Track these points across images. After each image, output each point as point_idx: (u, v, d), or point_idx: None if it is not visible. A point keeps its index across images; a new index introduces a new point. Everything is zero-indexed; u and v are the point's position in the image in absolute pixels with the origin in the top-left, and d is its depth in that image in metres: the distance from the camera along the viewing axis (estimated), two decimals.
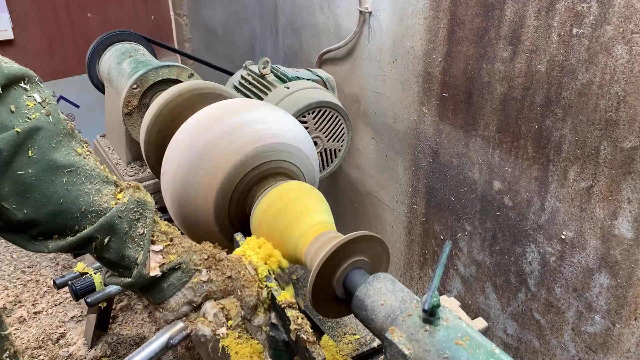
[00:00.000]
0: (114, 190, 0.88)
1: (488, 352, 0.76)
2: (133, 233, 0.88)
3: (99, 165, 0.88)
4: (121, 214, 0.86)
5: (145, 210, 0.90)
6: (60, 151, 0.81)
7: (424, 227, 1.91)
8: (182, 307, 0.94)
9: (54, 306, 2.44)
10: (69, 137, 0.84)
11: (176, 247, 0.93)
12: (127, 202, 0.87)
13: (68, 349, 2.22)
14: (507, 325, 1.66)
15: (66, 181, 0.81)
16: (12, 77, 0.78)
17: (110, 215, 0.84)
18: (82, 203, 0.83)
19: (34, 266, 2.67)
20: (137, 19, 3.33)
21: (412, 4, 1.66)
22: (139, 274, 0.88)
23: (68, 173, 0.81)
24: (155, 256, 0.90)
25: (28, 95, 0.80)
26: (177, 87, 1.62)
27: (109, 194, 0.86)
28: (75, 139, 0.85)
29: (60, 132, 0.82)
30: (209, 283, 0.95)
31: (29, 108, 0.79)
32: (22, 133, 0.77)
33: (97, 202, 0.84)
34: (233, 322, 0.97)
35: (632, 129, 1.19)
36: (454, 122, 1.65)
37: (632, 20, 1.13)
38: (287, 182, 1.26)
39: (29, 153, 0.78)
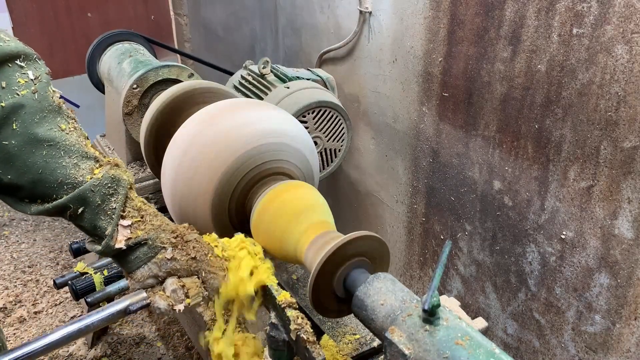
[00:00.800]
0: (92, 165, 0.96)
1: (488, 352, 0.76)
2: (105, 206, 0.96)
3: (81, 141, 0.96)
4: (94, 188, 0.94)
5: (119, 186, 0.97)
6: (42, 126, 0.90)
7: (424, 227, 1.91)
8: (148, 279, 1.02)
9: (54, 306, 2.44)
10: (54, 113, 0.92)
11: (146, 224, 1.00)
12: (102, 177, 0.95)
13: (68, 349, 2.22)
14: (507, 325, 1.66)
15: (45, 154, 0.90)
16: (6, 55, 0.87)
17: (83, 188, 0.93)
18: (59, 175, 0.92)
19: (34, 266, 2.67)
20: (137, 19, 3.33)
21: (412, 4, 1.66)
22: (106, 244, 0.96)
23: (48, 147, 0.90)
24: (123, 230, 0.97)
25: (22, 72, 0.89)
26: (177, 87, 1.62)
27: (86, 169, 0.94)
28: (62, 116, 0.94)
29: (45, 108, 0.90)
30: (172, 261, 1.01)
31: (20, 85, 0.88)
32: (7, 108, 0.86)
33: (73, 175, 0.93)
34: (192, 300, 1.03)
35: (632, 129, 1.19)
36: (454, 122, 1.65)
37: (632, 20, 1.13)
38: (287, 183, 1.26)
39: (13, 126, 0.87)
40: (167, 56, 3.06)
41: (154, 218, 1.02)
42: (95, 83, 2.25)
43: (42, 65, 0.93)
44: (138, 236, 0.98)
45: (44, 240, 2.85)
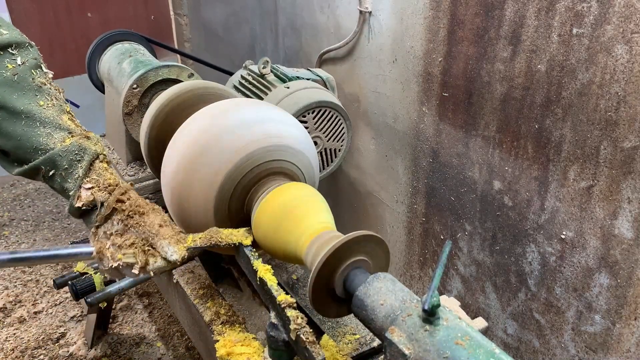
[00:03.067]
0: (64, 135, 1.11)
1: (488, 352, 0.76)
2: (72, 171, 1.11)
3: (58, 115, 1.12)
4: (62, 153, 1.09)
5: (85, 154, 1.12)
6: (21, 101, 1.08)
7: (424, 227, 1.91)
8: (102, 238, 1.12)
9: (54, 306, 2.44)
10: (34, 91, 1.10)
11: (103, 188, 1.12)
12: (69, 144, 1.10)
13: (68, 348, 2.22)
14: (507, 325, 1.66)
15: (24, 123, 1.08)
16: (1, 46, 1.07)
17: (52, 153, 1.09)
18: (34, 142, 1.09)
19: (34, 266, 2.67)
20: (137, 18, 3.33)
21: (412, 4, 1.66)
22: (70, 204, 1.12)
23: (26, 118, 1.08)
24: (84, 192, 1.11)
25: (12, 58, 1.09)
26: (177, 87, 1.62)
27: (58, 138, 1.10)
28: (42, 94, 1.12)
29: (24, 87, 1.09)
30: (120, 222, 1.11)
31: (7, 69, 1.08)
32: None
33: (45, 142, 1.09)
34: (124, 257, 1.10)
35: (632, 129, 1.19)
36: (454, 122, 1.65)
37: (632, 20, 1.13)
38: (287, 183, 1.26)
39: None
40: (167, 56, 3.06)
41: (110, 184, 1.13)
42: (95, 83, 2.25)
43: (33, 51, 1.13)
44: (94, 198, 1.10)
45: (44, 240, 2.85)
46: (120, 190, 1.12)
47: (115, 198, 1.11)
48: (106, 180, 1.14)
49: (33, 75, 1.11)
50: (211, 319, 1.27)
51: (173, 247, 1.10)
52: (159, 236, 1.10)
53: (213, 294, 1.35)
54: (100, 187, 1.12)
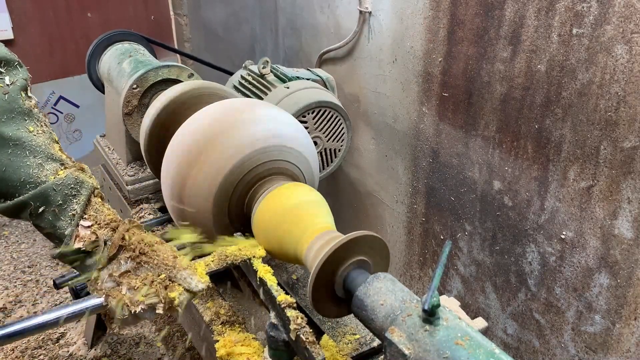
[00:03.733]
0: (57, 167, 0.98)
1: (488, 352, 0.76)
2: (67, 207, 0.97)
3: (49, 143, 0.99)
4: (56, 187, 0.95)
5: (82, 188, 0.99)
6: (9, 126, 0.94)
7: (423, 227, 1.91)
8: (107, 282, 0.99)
9: (53, 306, 2.44)
10: (23, 115, 0.96)
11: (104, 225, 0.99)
12: (65, 177, 0.97)
13: (68, 349, 2.22)
14: (507, 325, 1.66)
15: (10, 152, 0.94)
16: None
17: (45, 187, 0.94)
18: (22, 174, 0.94)
19: (34, 266, 2.67)
20: (137, 19, 3.33)
21: (412, 4, 1.66)
22: (65, 245, 0.96)
23: (13, 146, 0.94)
24: (83, 230, 0.97)
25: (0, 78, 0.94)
26: (177, 87, 1.62)
27: (50, 169, 0.97)
28: (31, 119, 0.98)
29: (13, 110, 0.95)
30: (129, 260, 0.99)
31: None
32: None
33: (36, 174, 0.95)
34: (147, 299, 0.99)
35: (632, 129, 1.19)
36: (454, 122, 1.65)
37: (632, 20, 1.13)
38: (287, 183, 1.26)
39: None
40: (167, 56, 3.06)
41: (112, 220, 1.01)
42: (95, 83, 2.25)
43: (23, 71, 0.98)
44: (97, 237, 0.97)
45: (43, 240, 2.85)
46: (124, 227, 1.00)
47: (120, 235, 0.99)
48: (106, 216, 1.01)
49: (22, 98, 0.97)
50: (211, 319, 1.27)
51: (195, 276, 1.00)
52: (177, 268, 0.99)
53: (213, 294, 1.35)
54: (101, 224, 0.99)
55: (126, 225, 1.01)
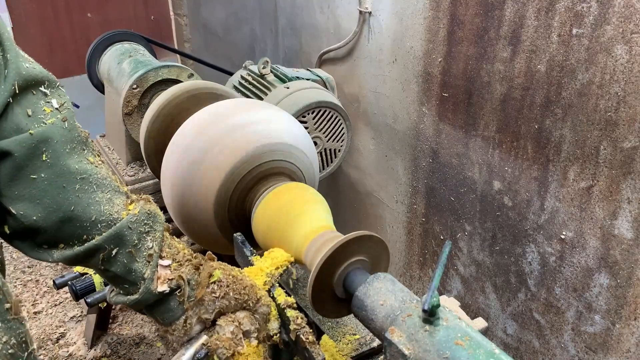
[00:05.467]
0: (124, 200, 0.86)
1: (488, 352, 0.76)
2: (142, 246, 0.85)
3: (110, 175, 0.87)
4: (131, 225, 0.84)
5: (155, 223, 0.88)
6: (73, 158, 0.80)
7: (423, 227, 1.91)
8: (195, 325, 0.91)
9: (53, 306, 2.44)
10: (82, 144, 0.83)
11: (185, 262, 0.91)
12: (138, 213, 0.85)
13: (68, 349, 2.22)
14: (507, 325, 1.66)
15: (78, 188, 0.80)
16: (32, 80, 0.77)
17: (120, 226, 0.82)
18: (93, 212, 0.81)
19: (34, 266, 2.67)
20: (137, 19, 3.33)
21: (412, 4, 1.66)
22: (146, 289, 0.85)
23: (81, 180, 0.80)
24: (163, 271, 0.87)
25: (46, 100, 0.79)
26: (176, 87, 1.62)
27: (120, 204, 0.85)
28: (88, 148, 0.84)
29: (74, 139, 0.81)
30: (221, 298, 0.91)
31: (46, 113, 0.78)
32: (36, 136, 0.75)
33: (107, 211, 0.83)
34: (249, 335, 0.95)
35: (631, 129, 1.19)
36: (453, 122, 1.65)
37: (632, 20, 1.13)
38: (287, 183, 1.26)
39: (43, 157, 0.76)
40: (167, 56, 3.06)
41: (190, 255, 0.92)
42: (95, 83, 2.25)
43: (65, 94, 0.84)
44: (180, 276, 0.88)
45: None
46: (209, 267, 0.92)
47: (207, 273, 0.91)
48: (182, 251, 0.91)
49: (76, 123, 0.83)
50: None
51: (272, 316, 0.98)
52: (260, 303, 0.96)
53: None
54: (181, 261, 0.89)
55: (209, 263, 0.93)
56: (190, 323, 0.90)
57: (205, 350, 0.89)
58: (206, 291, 0.90)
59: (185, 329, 0.90)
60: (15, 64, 0.74)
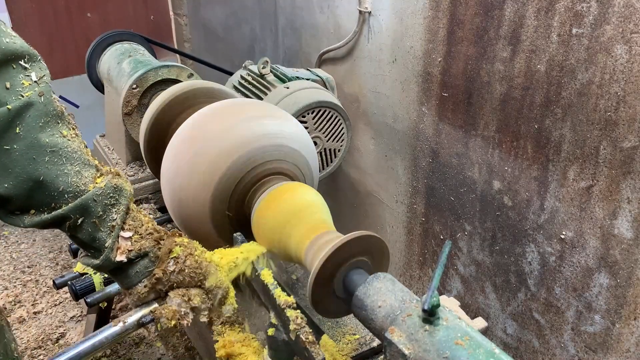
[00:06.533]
0: (94, 173, 0.91)
1: (488, 352, 0.76)
2: (106, 217, 0.91)
3: (82, 148, 0.91)
4: (97, 198, 0.89)
5: (120, 197, 0.93)
6: (45, 131, 0.84)
7: (423, 227, 1.91)
8: (150, 294, 0.97)
9: (53, 306, 2.44)
10: (56, 118, 0.87)
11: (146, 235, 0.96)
12: (104, 186, 0.90)
13: None
14: (507, 325, 1.66)
15: (48, 160, 0.84)
16: (11, 54, 0.81)
17: (86, 197, 0.88)
18: (61, 183, 0.86)
19: (34, 266, 2.67)
20: (136, 19, 3.33)
21: (411, 4, 1.66)
22: (106, 257, 0.91)
23: (51, 152, 0.85)
24: (124, 242, 0.92)
25: (26, 74, 0.83)
26: (176, 87, 1.62)
27: (88, 177, 0.90)
28: (63, 122, 0.89)
29: (49, 112, 0.85)
30: (175, 273, 0.97)
31: (24, 87, 0.82)
32: (13, 110, 0.80)
33: (75, 183, 0.87)
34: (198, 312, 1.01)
35: (631, 129, 1.19)
36: (453, 122, 1.65)
37: (631, 20, 1.13)
38: (287, 183, 1.26)
39: (17, 129, 0.81)
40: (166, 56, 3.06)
41: (153, 229, 0.98)
42: (94, 83, 2.25)
43: (45, 67, 0.88)
44: (140, 248, 0.94)
45: (43, 241, 2.85)
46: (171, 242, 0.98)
47: (167, 249, 0.96)
48: (146, 224, 0.97)
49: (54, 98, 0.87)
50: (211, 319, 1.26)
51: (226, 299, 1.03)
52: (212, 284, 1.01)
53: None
54: (142, 234, 0.95)
55: (172, 238, 0.98)
56: (145, 290, 0.96)
57: (150, 316, 0.96)
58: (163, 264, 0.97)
59: (139, 295, 0.96)
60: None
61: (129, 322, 0.95)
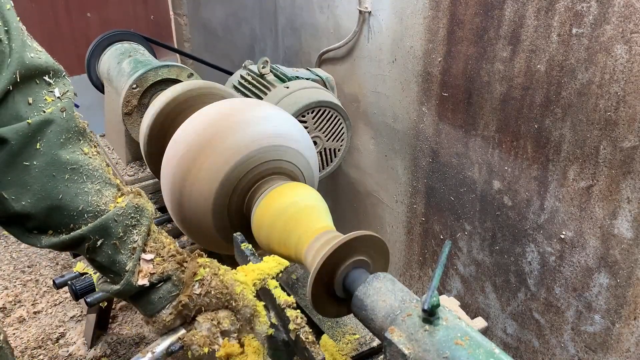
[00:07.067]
0: (115, 192, 0.87)
1: (488, 352, 0.76)
2: (127, 239, 0.87)
3: (104, 166, 0.88)
4: (117, 218, 0.85)
5: (142, 217, 0.89)
6: (66, 148, 0.82)
7: (423, 227, 1.91)
8: (175, 320, 0.93)
9: (53, 306, 2.44)
10: (78, 135, 0.84)
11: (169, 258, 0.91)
12: (126, 206, 0.86)
13: (68, 348, 2.22)
14: (507, 325, 1.66)
15: (68, 178, 0.81)
16: (35, 70, 0.80)
17: (106, 218, 0.84)
18: (80, 202, 0.83)
19: (34, 266, 2.67)
20: (136, 18, 3.33)
21: (411, 4, 1.66)
22: (127, 281, 0.86)
23: (71, 170, 0.82)
24: (145, 265, 0.88)
25: (49, 90, 0.82)
26: (176, 87, 1.62)
27: (109, 196, 0.86)
28: (85, 139, 0.86)
29: (71, 129, 0.83)
30: (201, 296, 0.92)
31: (46, 102, 0.80)
32: (34, 125, 0.78)
33: (95, 202, 0.84)
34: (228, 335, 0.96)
35: (631, 129, 1.19)
36: (453, 121, 1.65)
37: (631, 20, 1.13)
38: (287, 183, 1.26)
39: (37, 145, 0.79)
40: (166, 56, 3.06)
41: (175, 251, 0.93)
42: (94, 83, 2.25)
43: (69, 83, 0.87)
44: (162, 272, 0.89)
45: None
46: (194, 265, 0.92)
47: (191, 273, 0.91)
48: (168, 246, 0.92)
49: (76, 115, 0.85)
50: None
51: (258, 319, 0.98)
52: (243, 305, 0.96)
53: None
54: (164, 256, 0.90)
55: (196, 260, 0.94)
56: (170, 319, 0.91)
57: (180, 344, 0.91)
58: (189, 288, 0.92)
59: (164, 322, 0.91)
60: (19, 53, 0.77)
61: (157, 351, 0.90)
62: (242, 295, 0.96)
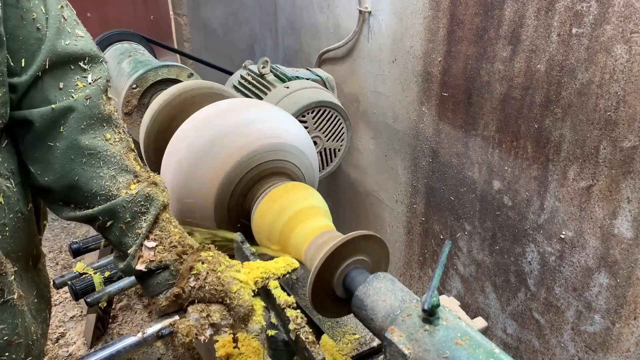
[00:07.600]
0: (130, 179, 0.92)
1: (488, 352, 0.76)
2: (135, 224, 0.92)
3: (123, 153, 0.93)
4: (126, 204, 0.90)
5: (151, 206, 0.93)
6: (87, 134, 0.87)
7: (423, 227, 1.91)
8: (170, 307, 0.96)
9: (53, 306, 2.43)
10: (101, 121, 0.89)
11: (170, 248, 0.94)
12: (136, 194, 0.91)
13: (68, 348, 2.21)
14: (507, 325, 1.66)
15: (85, 162, 0.87)
16: (68, 57, 0.84)
17: (115, 202, 0.89)
18: (95, 185, 0.88)
19: None
20: (136, 18, 3.33)
21: (411, 4, 1.66)
22: (127, 264, 0.92)
23: (89, 155, 0.87)
24: (147, 252, 0.93)
25: (83, 75, 0.87)
26: (176, 87, 1.62)
27: (122, 182, 0.91)
28: (110, 125, 0.91)
29: (94, 116, 0.88)
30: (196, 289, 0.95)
31: (77, 88, 0.86)
32: (57, 110, 0.84)
33: (108, 187, 0.89)
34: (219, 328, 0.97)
35: (631, 129, 1.19)
36: (453, 121, 1.65)
37: (631, 20, 1.13)
38: (287, 183, 1.26)
39: (61, 129, 0.85)
40: (166, 56, 3.06)
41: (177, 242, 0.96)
42: None
43: (105, 69, 0.90)
44: (161, 260, 0.93)
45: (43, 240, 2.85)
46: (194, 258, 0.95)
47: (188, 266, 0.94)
48: (172, 236, 0.95)
49: (103, 101, 0.89)
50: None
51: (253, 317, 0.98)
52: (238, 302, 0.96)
53: None
54: (165, 245, 0.94)
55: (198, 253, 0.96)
56: (165, 304, 0.96)
57: (170, 329, 0.95)
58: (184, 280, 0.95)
59: (161, 306, 0.97)
60: (51, 41, 0.82)
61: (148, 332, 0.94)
62: (238, 295, 0.97)
